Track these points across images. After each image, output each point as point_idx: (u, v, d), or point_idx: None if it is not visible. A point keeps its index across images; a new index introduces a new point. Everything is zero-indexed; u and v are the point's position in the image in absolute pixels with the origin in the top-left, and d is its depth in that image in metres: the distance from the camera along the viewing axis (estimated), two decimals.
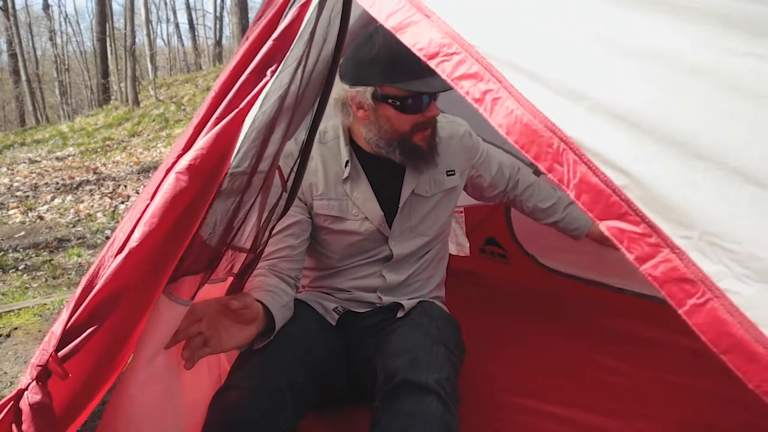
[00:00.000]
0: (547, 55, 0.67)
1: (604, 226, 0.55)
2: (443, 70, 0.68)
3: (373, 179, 1.42)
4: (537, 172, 2.22)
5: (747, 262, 0.51)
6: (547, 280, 2.31)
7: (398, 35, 0.73)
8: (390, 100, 1.27)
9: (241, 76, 0.89)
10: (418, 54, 0.71)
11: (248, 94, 0.87)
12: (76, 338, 0.80)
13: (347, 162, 1.39)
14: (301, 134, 1.25)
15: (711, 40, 0.64)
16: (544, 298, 2.18)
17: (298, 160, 1.26)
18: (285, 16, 0.93)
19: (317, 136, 1.30)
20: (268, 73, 0.89)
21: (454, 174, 1.50)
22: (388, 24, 0.75)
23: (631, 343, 1.86)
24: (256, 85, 0.88)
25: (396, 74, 1.24)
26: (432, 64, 0.69)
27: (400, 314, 1.44)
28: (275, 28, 0.91)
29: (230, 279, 1.21)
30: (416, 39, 0.71)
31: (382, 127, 1.32)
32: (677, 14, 0.66)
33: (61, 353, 0.79)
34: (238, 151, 0.91)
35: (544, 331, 1.95)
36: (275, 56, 0.90)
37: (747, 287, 0.51)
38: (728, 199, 0.54)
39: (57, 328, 0.81)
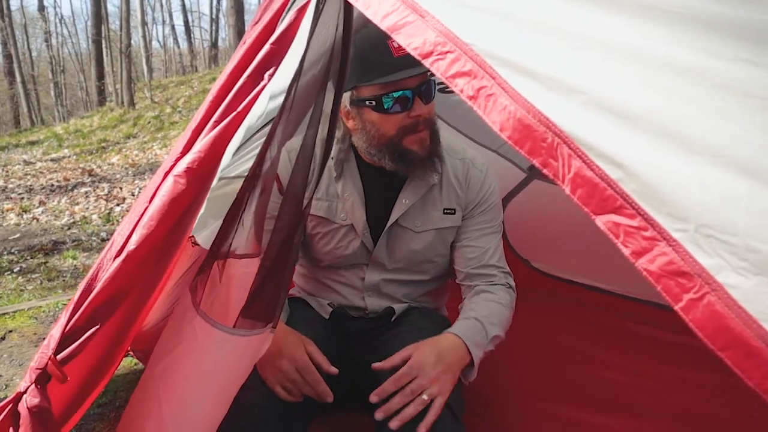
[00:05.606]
0: (541, 52, 0.67)
1: (600, 222, 0.55)
2: (438, 68, 0.68)
3: (367, 188, 1.35)
4: (533, 171, 2.23)
5: (744, 254, 0.50)
6: (540, 283, 2.32)
7: (393, 35, 0.73)
8: (367, 102, 1.20)
9: (239, 79, 0.89)
10: (412, 54, 0.71)
11: (246, 98, 0.88)
12: (75, 341, 0.80)
13: (338, 160, 1.34)
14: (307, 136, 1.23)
15: (700, 45, 0.64)
16: (538, 300, 2.17)
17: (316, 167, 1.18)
18: (282, 20, 0.93)
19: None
20: (266, 76, 0.89)
21: (453, 213, 1.36)
22: (383, 25, 0.75)
23: (628, 342, 1.87)
24: (254, 89, 0.88)
25: (365, 71, 1.17)
26: (427, 63, 0.69)
27: (393, 317, 1.40)
28: (273, 32, 0.91)
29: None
30: (411, 39, 0.71)
31: (368, 132, 1.24)
32: (668, 19, 0.67)
33: (60, 356, 0.79)
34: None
35: (539, 331, 1.95)
36: (273, 60, 0.90)
37: (745, 280, 0.49)
38: (723, 191, 0.54)
39: (56, 332, 0.81)
